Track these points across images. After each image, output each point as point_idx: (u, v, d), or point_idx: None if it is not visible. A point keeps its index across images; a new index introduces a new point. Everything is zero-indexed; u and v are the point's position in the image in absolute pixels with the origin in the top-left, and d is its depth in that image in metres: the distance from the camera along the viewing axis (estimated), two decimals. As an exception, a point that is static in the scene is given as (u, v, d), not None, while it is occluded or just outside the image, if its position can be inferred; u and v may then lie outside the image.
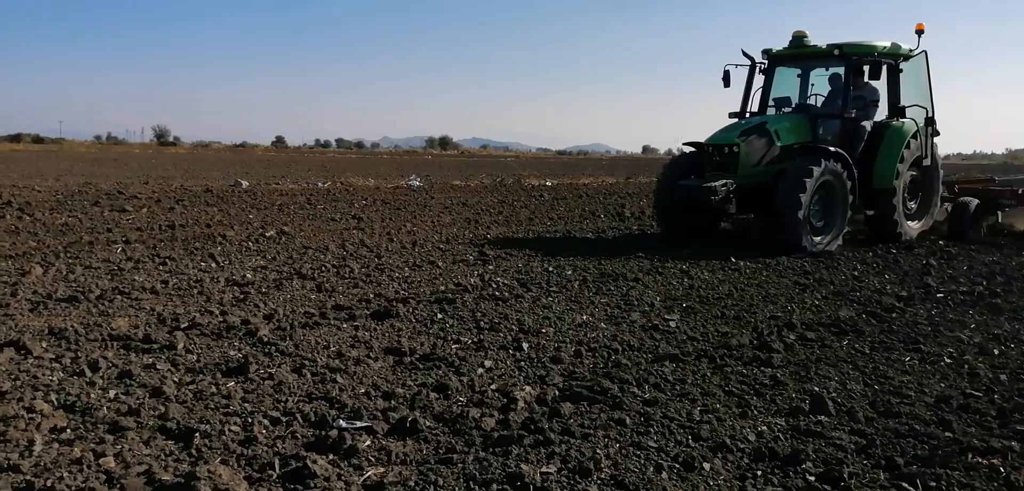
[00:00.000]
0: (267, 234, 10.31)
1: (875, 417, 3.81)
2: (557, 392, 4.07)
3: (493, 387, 4.14)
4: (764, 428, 3.62)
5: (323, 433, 3.43)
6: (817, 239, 9.64)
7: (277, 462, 3.15)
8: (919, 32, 10.60)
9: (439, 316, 5.82)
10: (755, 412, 3.83)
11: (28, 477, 2.96)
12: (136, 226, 10.76)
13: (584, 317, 5.92)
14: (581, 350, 4.94)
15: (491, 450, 3.31)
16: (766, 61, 11.27)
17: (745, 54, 11.20)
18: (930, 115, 10.85)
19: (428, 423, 3.59)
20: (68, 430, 3.43)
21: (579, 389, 4.08)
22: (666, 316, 5.94)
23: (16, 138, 67.25)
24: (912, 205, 11.16)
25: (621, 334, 5.39)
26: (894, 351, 5.07)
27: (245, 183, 19.96)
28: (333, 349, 4.84)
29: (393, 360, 4.68)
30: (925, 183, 11.33)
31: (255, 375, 4.25)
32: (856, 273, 8.22)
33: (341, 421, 3.58)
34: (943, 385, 4.36)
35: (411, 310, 5.95)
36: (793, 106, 11.14)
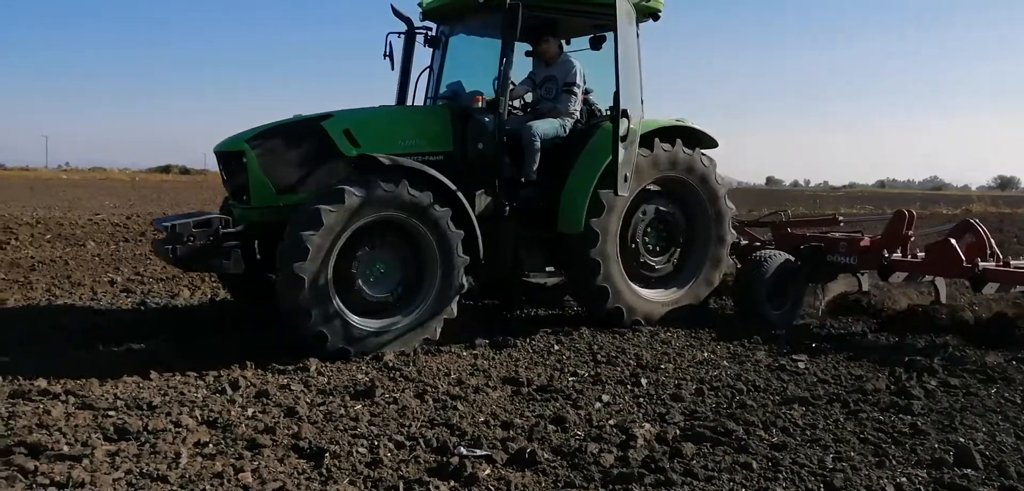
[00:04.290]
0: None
1: (1029, 474, 3.50)
2: (678, 431, 3.97)
3: (611, 423, 4.09)
4: (903, 479, 3.40)
5: (444, 459, 3.50)
6: (366, 325, 5.43)
7: (401, 485, 3.23)
8: None
9: (556, 347, 5.83)
10: (893, 462, 3.60)
11: (175, 487, 3.17)
12: (271, 252, 11.37)
13: (705, 354, 5.77)
14: (702, 388, 4.82)
15: (610, 487, 3.27)
16: (433, 26, 7.13)
17: (397, 13, 6.83)
18: (625, 108, 6.00)
19: (546, 455, 3.58)
20: (210, 445, 3.65)
21: (701, 429, 3.97)
22: (794, 356, 5.69)
23: (165, 169, 72.41)
24: (657, 261, 6.87)
25: (745, 373, 5.22)
26: (1050, 402, 4.65)
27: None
28: (453, 376, 4.93)
29: (511, 390, 4.72)
30: (690, 224, 7.00)
31: (381, 399, 4.39)
32: (1005, 316, 7.60)
33: (462, 449, 3.64)
34: (1110, 442, 3.95)
35: (528, 340, 5.98)
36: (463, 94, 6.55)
